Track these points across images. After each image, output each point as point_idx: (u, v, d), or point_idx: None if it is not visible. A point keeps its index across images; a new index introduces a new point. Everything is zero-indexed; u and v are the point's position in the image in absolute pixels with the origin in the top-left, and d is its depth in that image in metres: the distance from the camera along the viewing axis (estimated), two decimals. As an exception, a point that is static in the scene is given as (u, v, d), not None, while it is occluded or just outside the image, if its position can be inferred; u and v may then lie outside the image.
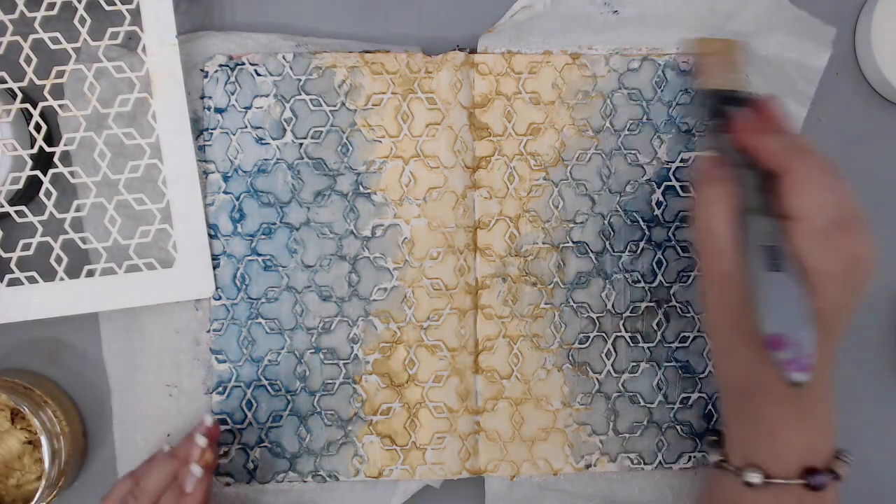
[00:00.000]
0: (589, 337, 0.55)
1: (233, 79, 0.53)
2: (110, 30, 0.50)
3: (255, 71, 0.53)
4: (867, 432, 0.58)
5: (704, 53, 0.50)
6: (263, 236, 0.54)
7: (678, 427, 0.55)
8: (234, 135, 0.54)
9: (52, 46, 0.50)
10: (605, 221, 0.55)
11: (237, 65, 0.53)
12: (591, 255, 0.55)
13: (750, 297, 0.42)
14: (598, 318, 0.55)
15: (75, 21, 0.50)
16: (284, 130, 0.54)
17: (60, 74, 0.51)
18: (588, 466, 0.55)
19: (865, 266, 0.43)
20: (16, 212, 0.51)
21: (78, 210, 0.51)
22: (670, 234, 0.55)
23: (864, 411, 0.58)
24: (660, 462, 0.55)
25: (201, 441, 0.49)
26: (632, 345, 0.55)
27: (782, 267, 0.42)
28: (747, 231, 0.44)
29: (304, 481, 0.54)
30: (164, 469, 0.49)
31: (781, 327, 0.40)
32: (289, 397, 0.54)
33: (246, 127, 0.54)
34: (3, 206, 0.51)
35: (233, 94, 0.53)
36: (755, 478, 0.44)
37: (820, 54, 0.56)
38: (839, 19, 0.57)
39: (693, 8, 0.55)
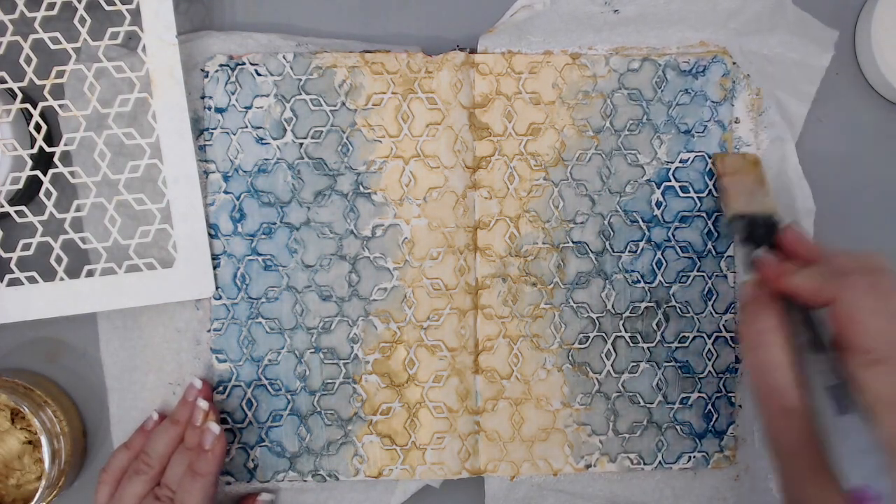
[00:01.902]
0: (589, 337, 0.55)
1: (233, 79, 0.53)
2: (110, 30, 0.50)
3: (256, 71, 0.53)
4: (867, 432, 0.58)
5: (725, 174, 0.52)
6: (264, 236, 0.54)
7: (678, 427, 0.55)
8: (234, 134, 0.54)
9: (52, 46, 0.50)
10: (605, 221, 0.55)
11: (237, 65, 0.53)
12: (591, 255, 0.55)
13: (817, 432, 0.41)
14: (597, 318, 0.55)
15: (75, 21, 0.50)
16: (285, 130, 0.54)
17: (60, 74, 0.51)
18: (588, 467, 0.55)
19: None
20: (16, 212, 0.51)
21: (78, 210, 0.51)
22: (670, 234, 0.55)
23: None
24: (659, 462, 0.55)
25: (204, 404, 0.51)
26: (631, 345, 0.55)
27: (850, 407, 0.41)
28: (806, 366, 0.43)
29: (304, 481, 0.54)
30: (168, 434, 0.50)
31: (863, 477, 0.40)
32: (289, 397, 0.54)
33: (246, 127, 0.54)
34: (3, 206, 0.51)
35: (233, 93, 0.53)
36: None
37: (822, 55, 0.56)
38: (839, 19, 0.57)
39: (695, 7, 0.55)
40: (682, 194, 0.55)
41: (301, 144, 0.54)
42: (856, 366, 0.41)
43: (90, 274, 0.51)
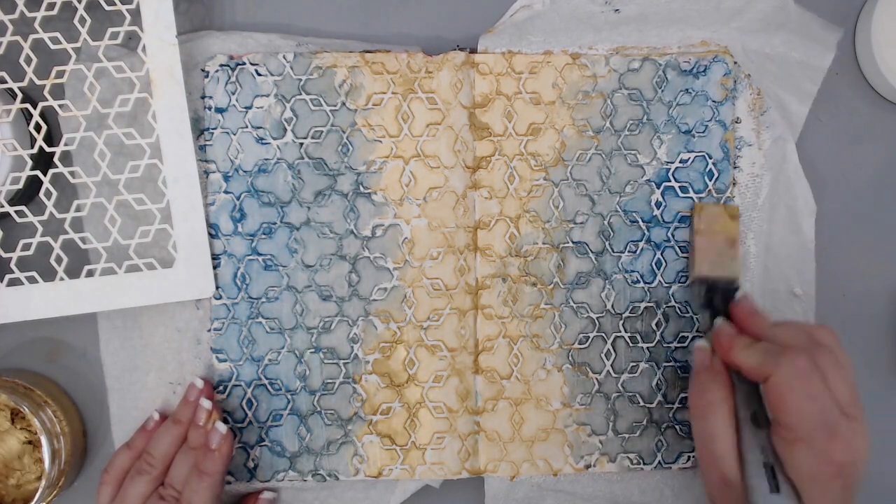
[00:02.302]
0: (588, 337, 0.55)
1: (233, 78, 0.53)
2: (110, 30, 0.50)
3: (256, 71, 0.53)
4: (867, 432, 0.58)
5: (699, 230, 0.53)
6: (264, 236, 0.54)
7: (677, 427, 0.55)
8: (234, 134, 0.54)
9: (52, 46, 0.50)
10: (605, 221, 0.55)
11: (238, 64, 0.53)
12: (590, 255, 0.55)
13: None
14: (597, 318, 0.55)
15: (75, 21, 0.50)
16: (285, 130, 0.54)
17: (60, 74, 0.51)
18: (588, 467, 0.55)
19: (855, 468, 0.44)
20: (16, 212, 0.51)
21: (78, 210, 0.51)
22: (670, 234, 0.55)
23: (865, 411, 0.58)
24: (659, 462, 0.55)
25: (207, 404, 0.50)
26: (631, 345, 0.55)
27: (780, 486, 0.44)
28: (748, 440, 0.46)
29: (304, 480, 0.54)
30: (171, 433, 0.50)
31: None
32: (289, 396, 0.54)
33: (246, 127, 0.54)
34: (3, 206, 0.51)
35: (233, 93, 0.53)
36: None
37: (824, 55, 0.56)
38: (839, 19, 0.57)
39: (697, 6, 0.55)
40: (681, 194, 0.55)
41: (301, 144, 0.54)
42: (779, 443, 0.44)
43: (90, 274, 0.51)
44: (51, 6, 0.50)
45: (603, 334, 0.55)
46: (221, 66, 0.53)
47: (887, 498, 0.58)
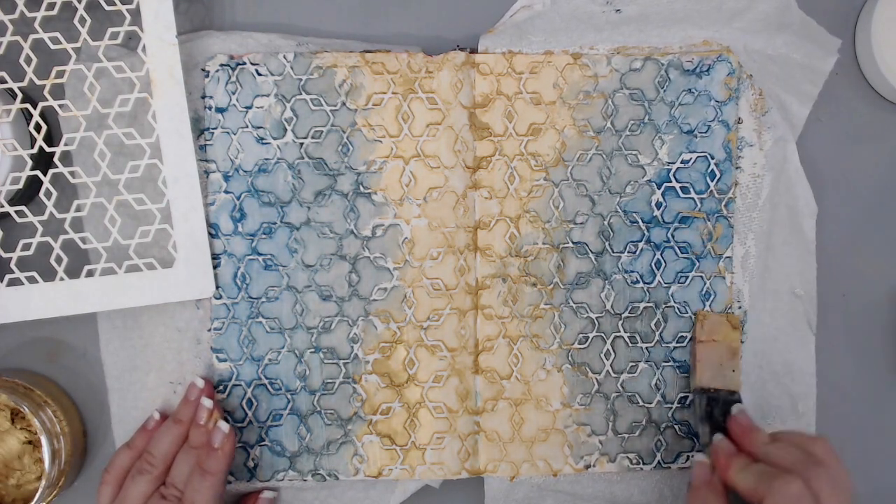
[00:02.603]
0: (588, 337, 0.55)
1: (234, 78, 0.53)
2: (110, 30, 0.50)
3: (256, 70, 0.53)
4: (867, 432, 0.58)
5: (701, 340, 0.54)
6: (264, 236, 0.54)
7: (676, 427, 0.55)
8: (234, 134, 0.53)
9: (52, 46, 0.50)
10: (605, 222, 0.55)
11: (238, 64, 0.53)
12: (590, 255, 0.55)
13: None
14: (597, 318, 0.55)
15: (75, 21, 0.50)
16: (285, 130, 0.54)
17: (60, 74, 0.50)
18: (587, 467, 0.55)
19: None
20: (16, 212, 0.50)
21: (78, 210, 0.51)
22: (670, 234, 0.55)
23: (864, 411, 0.58)
24: (658, 462, 0.55)
25: (208, 403, 0.50)
26: (630, 345, 0.55)
27: None
28: None
29: (304, 480, 0.54)
30: (172, 433, 0.50)
31: None
32: (289, 396, 0.54)
33: (247, 126, 0.54)
34: (3, 206, 0.51)
35: (233, 93, 0.53)
36: None
37: (826, 57, 0.55)
38: (840, 19, 0.57)
39: (699, 6, 0.55)
40: (682, 195, 0.55)
41: (301, 144, 0.54)
42: None
43: (90, 274, 0.51)
44: (51, 6, 0.50)
45: (602, 334, 0.55)
46: (221, 65, 0.53)
47: (888, 498, 0.58)
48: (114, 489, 0.50)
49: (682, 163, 0.55)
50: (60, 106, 0.51)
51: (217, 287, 0.53)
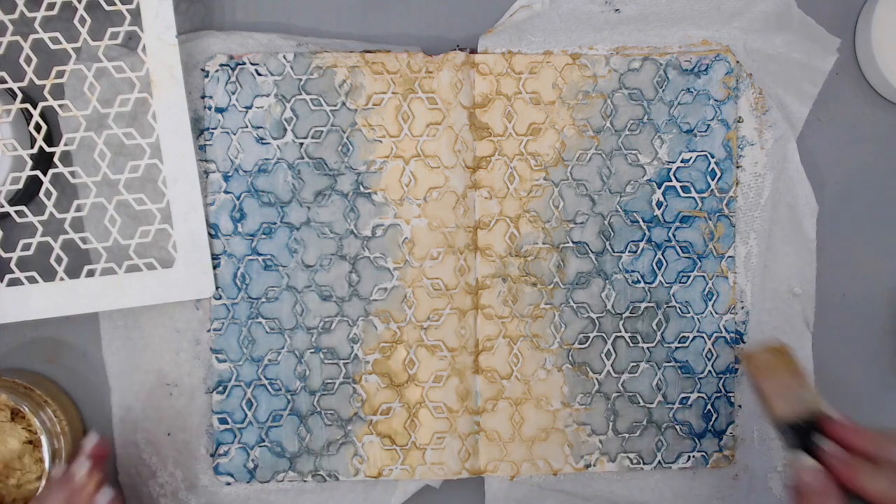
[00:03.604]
0: (589, 337, 0.55)
1: (233, 78, 0.53)
2: (110, 30, 0.50)
3: (256, 70, 0.53)
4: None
5: (760, 376, 0.49)
6: (264, 236, 0.54)
7: (677, 427, 0.55)
8: (234, 134, 0.54)
9: (52, 46, 0.50)
10: (605, 221, 0.55)
11: (238, 64, 0.53)
12: (591, 255, 0.55)
13: None
14: (597, 318, 0.55)
15: (75, 21, 0.50)
16: (285, 130, 0.54)
17: (60, 74, 0.51)
18: (588, 466, 0.55)
19: None
20: (16, 212, 0.51)
21: (78, 210, 0.51)
22: (670, 234, 0.55)
23: (865, 411, 0.58)
24: (659, 462, 0.55)
25: (84, 466, 0.46)
26: (631, 345, 0.55)
27: None
28: None
29: (304, 481, 0.54)
30: (59, 495, 0.46)
31: None
32: (289, 397, 0.54)
33: (246, 126, 0.54)
34: (3, 206, 0.51)
35: (233, 93, 0.53)
36: None
37: (825, 57, 0.56)
38: (840, 19, 0.57)
39: (698, 6, 0.55)
40: (682, 194, 0.55)
41: (301, 144, 0.54)
42: None
43: (90, 274, 0.51)
44: (51, 6, 0.50)
45: (603, 334, 0.55)
46: (221, 65, 0.53)
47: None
48: None
49: (682, 162, 0.55)
50: (60, 106, 0.51)
51: (217, 287, 0.53)
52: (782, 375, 0.49)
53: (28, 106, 0.50)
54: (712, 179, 0.55)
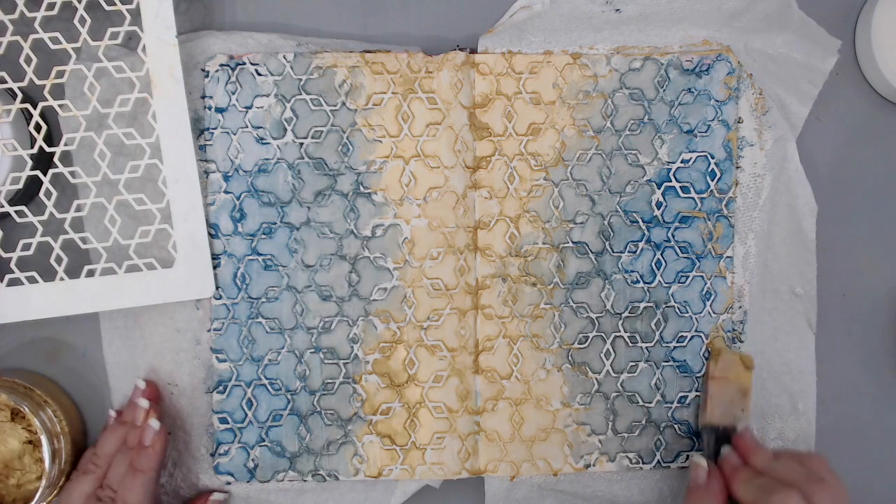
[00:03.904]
0: (588, 337, 0.55)
1: (233, 78, 0.53)
2: (110, 30, 0.50)
3: (256, 70, 0.53)
4: (867, 432, 0.58)
5: (714, 377, 0.54)
6: (264, 236, 0.54)
7: (676, 426, 0.55)
8: (234, 134, 0.54)
9: (52, 46, 0.50)
10: (605, 222, 0.55)
11: (238, 64, 0.53)
12: (590, 255, 0.55)
13: None
14: (597, 318, 0.55)
15: (75, 21, 0.50)
16: (285, 130, 0.54)
17: (60, 74, 0.50)
18: (587, 466, 0.55)
19: None
20: (16, 212, 0.51)
21: (78, 210, 0.51)
22: (670, 234, 0.55)
23: (865, 411, 0.58)
24: (658, 461, 0.55)
25: (144, 403, 0.51)
26: (630, 345, 0.55)
27: None
28: None
29: (304, 480, 0.54)
30: (116, 434, 0.51)
31: None
32: (289, 396, 0.54)
33: (246, 126, 0.54)
34: (3, 206, 0.51)
35: (233, 93, 0.53)
36: None
37: (826, 58, 0.56)
38: (840, 19, 0.57)
39: (698, 6, 0.55)
40: (682, 195, 0.55)
41: (301, 144, 0.54)
42: None
43: (90, 274, 0.51)
44: (51, 6, 0.50)
45: (602, 334, 0.55)
46: (221, 66, 0.53)
47: (888, 497, 0.58)
48: None
49: (682, 162, 0.55)
50: (60, 106, 0.51)
51: (217, 287, 0.53)
52: (731, 387, 0.54)
53: (28, 106, 0.50)
54: (712, 180, 0.55)
